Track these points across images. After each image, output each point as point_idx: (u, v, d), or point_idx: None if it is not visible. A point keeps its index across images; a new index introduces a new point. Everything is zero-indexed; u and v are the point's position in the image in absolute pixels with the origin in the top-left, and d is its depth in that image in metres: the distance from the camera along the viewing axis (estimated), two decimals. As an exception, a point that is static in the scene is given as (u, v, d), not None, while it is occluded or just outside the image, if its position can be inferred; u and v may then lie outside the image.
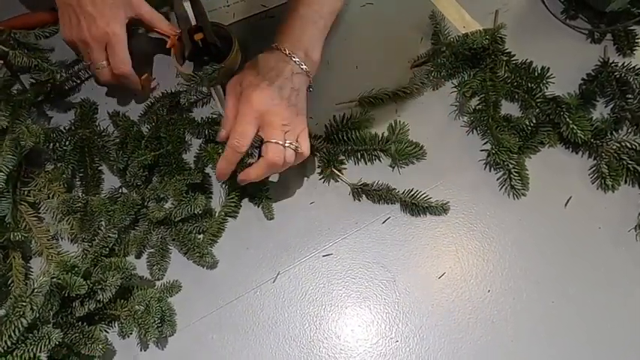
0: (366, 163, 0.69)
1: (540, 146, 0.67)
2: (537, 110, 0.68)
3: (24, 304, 0.51)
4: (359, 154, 0.69)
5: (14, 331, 0.51)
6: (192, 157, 0.70)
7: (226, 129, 0.61)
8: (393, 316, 0.60)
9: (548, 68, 0.68)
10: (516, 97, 0.70)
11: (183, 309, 0.62)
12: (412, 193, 0.64)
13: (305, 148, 0.61)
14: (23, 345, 0.52)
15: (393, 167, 0.68)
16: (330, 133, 0.70)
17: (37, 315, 0.53)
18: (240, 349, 0.59)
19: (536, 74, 0.69)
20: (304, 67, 0.62)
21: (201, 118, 0.72)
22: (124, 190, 0.68)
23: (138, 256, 0.65)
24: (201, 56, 0.70)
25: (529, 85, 0.70)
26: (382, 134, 0.69)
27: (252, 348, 0.59)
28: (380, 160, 0.69)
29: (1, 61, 0.71)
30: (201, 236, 0.65)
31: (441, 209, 0.64)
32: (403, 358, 0.57)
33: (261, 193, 0.67)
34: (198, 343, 0.60)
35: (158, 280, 0.63)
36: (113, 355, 0.60)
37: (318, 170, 0.69)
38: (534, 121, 0.67)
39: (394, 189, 0.65)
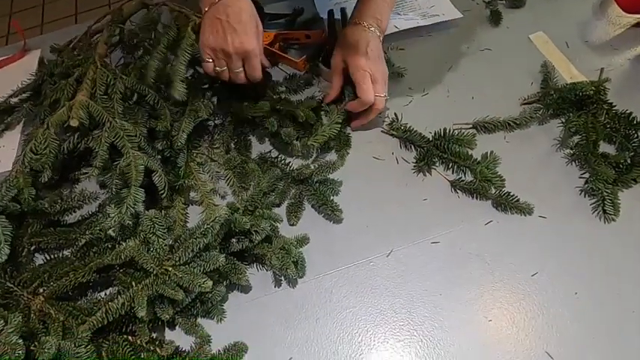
0: (452, 173, 0.82)
1: (633, 183, 0.77)
2: (632, 153, 0.79)
3: (207, 227, 0.66)
4: (450, 164, 0.82)
5: (196, 247, 0.65)
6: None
7: (333, 94, 0.87)
8: (488, 300, 0.70)
9: (647, 118, 0.79)
10: (614, 139, 0.81)
11: (310, 264, 0.74)
12: (504, 194, 0.76)
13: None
14: (198, 259, 0.67)
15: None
16: (435, 138, 0.84)
17: (211, 240, 0.67)
18: (354, 304, 0.71)
19: (634, 122, 0.80)
20: (378, 33, 0.85)
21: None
22: (272, 155, 0.85)
23: (279, 205, 0.81)
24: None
25: (627, 131, 0.80)
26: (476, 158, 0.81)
27: (363, 306, 0.71)
28: (465, 176, 0.81)
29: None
30: (333, 197, 0.80)
31: (527, 209, 0.75)
32: (493, 335, 0.67)
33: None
34: (320, 293, 0.72)
35: (293, 225, 0.78)
36: (250, 290, 0.73)
37: (414, 161, 0.84)
38: (629, 161, 0.77)
39: (489, 189, 0.77)
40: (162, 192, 0.78)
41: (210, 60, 0.79)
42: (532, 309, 0.69)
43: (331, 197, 0.80)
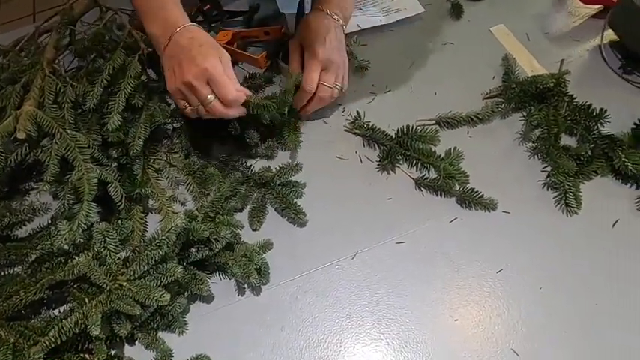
0: (416, 171, 0.81)
1: (594, 175, 0.77)
2: (593, 145, 0.79)
3: (163, 238, 0.63)
4: (414, 162, 0.81)
5: (151, 259, 0.63)
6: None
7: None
8: (454, 299, 0.69)
9: (606, 109, 0.79)
10: (575, 132, 0.81)
11: (274, 270, 0.72)
12: (468, 190, 0.76)
13: (346, 86, 0.85)
14: (154, 272, 0.64)
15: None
16: (399, 136, 0.82)
17: (168, 251, 0.65)
18: (319, 310, 0.69)
19: (594, 114, 0.80)
20: (341, 22, 0.84)
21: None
22: (234, 158, 0.83)
23: (240, 210, 0.78)
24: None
25: (587, 123, 0.80)
26: (439, 155, 0.80)
27: (329, 311, 0.69)
28: (429, 173, 0.80)
29: (148, 50, 0.85)
30: (296, 200, 0.78)
31: (491, 205, 0.75)
32: (459, 334, 0.66)
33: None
34: (284, 300, 0.70)
35: (256, 230, 0.76)
36: (212, 300, 0.71)
37: (378, 160, 0.82)
38: (590, 153, 0.77)
39: (453, 186, 0.77)
40: (119, 204, 0.75)
41: (182, 101, 0.75)
42: (498, 306, 0.68)
43: (294, 200, 0.78)
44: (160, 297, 0.62)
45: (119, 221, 0.73)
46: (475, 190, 0.76)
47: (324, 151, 0.84)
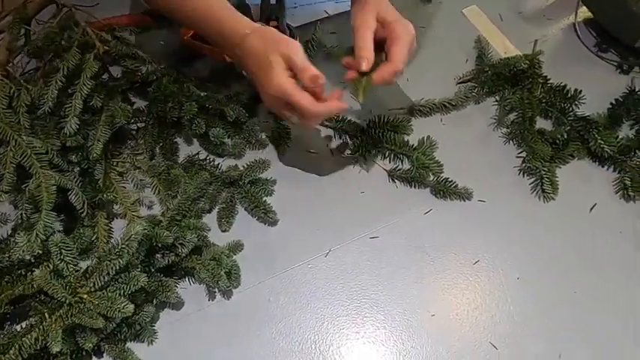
0: (389, 162, 0.78)
1: (570, 158, 0.75)
2: (569, 127, 0.77)
3: (123, 247, 0.61)
4: (386, 152, 0.79)
5: (112, 269, 0.60)
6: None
7: (369, 57, 0.68)
8: (430, 293, 0.67)
9: (581, 90, 0.77)
10: (550, 114, 0.79)
11: (245, 272, 0.70)
12: (442, 180, 0.74)
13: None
14: (116, 283, 0.61)
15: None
16: (369, 127, 0.80)
17: (130, 259, 0.62)
18: (292, 312, 0.67)
19: (569, 95, 0.78)
20: None
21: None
22: (200, 157, 0.80)
23: (209, 211, 0.75)
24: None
25: (562, 104, 0.78)
26: (412, 144, 0.78)
27: (303, 312, 0.67)
28: (402, 164, 0.78)
29: (105, 48, 0.81)
30: (265, 198, 0.75)
31: (466, 194, 0.73)
32: (437, 329, 0.65)
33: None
34: (257, 303, 0.68)
35: (225, 231, 0.74)
36: (182, 306, 0.69)
37: (349, 152, 0.79)
38: (566, 136, 0.75)
39: (427, 176, 0.75)
40: (81, 211, 0.72)
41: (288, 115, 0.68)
42: (475, 299, 0.67)
43: (264, 198, 0.75)
44: (124, 308, 0.59)
45: (81, 229, 0.70)
46: (449, 179, 0.74)
47: (294, 145, 0.81)
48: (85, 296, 0.60)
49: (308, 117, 0.64)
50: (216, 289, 0.69)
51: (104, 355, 0.65)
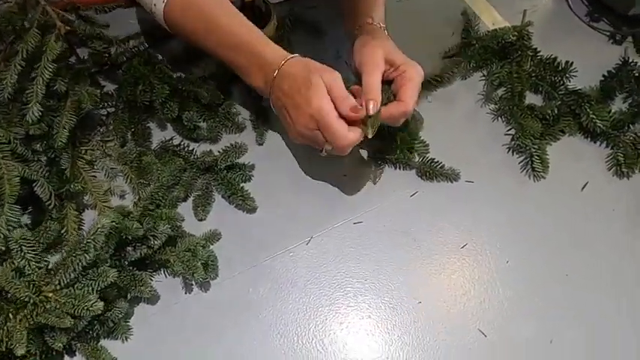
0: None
1: (561, 134, 0.72)
2: (559, 102, 0.73)
3: (88, 241, 0.57)
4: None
5: (78, 265, 0.57)
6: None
7: (376, 97, 0.64)
8: (417, 279, 0.64)
9: (572, 62, 0.73)
10: (540, 89, 0.76)
11: (223, 263, 0.67)
12: (428, 161, 0.70)
13: None
14: (83, 280, 0.58)
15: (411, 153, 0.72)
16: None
17: (97, 254, 0.59)
18: (273, 303, 0.64)
19: (560, 68, 0.74)
20: (386, 32, 0.73)
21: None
22: (174, 142, 0.76)
23: (185, 199, 0.71)
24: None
25: (553, 78, 0.75)
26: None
27: (284, 303, 0.64)
28: (386, 145, 0.73)
29: (67, 28, 0.76)
30: (243, 184, 0.72)
31: (453, 175, 0.70)
32: (424, 317, 0.62)
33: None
34: (236, 294, 0.65)
35: (202, 220, 0.70)
36: (157, 300, 0.66)
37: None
38: (556, 111, 0.72)
39: (412, 157, 0.71)
40: (48, 202, 0.68)
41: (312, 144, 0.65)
42: (463, 284, 0.64)
43: (241, 184, 0.72)
44: (92, 306, 0.56)
45: (48, 223, 0.66)
46: (436, 160, 0.71)
47: (273, 127, 0.77)
48: (51, 295, 0.56)
49: (337, 143, 0.61)
50: (193, 282, 0.66)
51: (76, 354, 0.62)
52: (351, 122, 0.62)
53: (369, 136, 0.64)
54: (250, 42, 0.66)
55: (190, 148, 0.76)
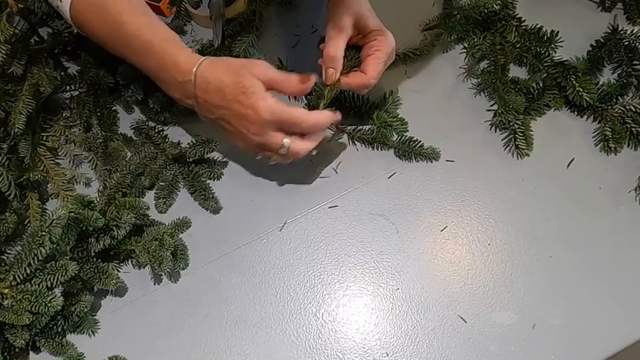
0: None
1: (546, 109, 0.68)
2: (545, 74, 0.69)
3: (43, 234, 0.54)
4: (350, 113, 0.71)
5: (33, 259, 0.54)
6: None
7: (338, 67, 0.61)
8: (395, 265, 0.62)
9: (558, 32, 0.69)
10: (525, 61, 0.72)
11: (194, 252, 0.64)
12: (407, 140, 0.67)
13: None
14: (41, 274, 0.55)
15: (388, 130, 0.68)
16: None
17: (55, 247, 0.56)
18: (246, 292, 0.62)
19: (545, 38, 0.70)
20: None
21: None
22: (142, 127, 0.72)
23: (150, 188, 0.68)
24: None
25: (538, 49, 0.71)
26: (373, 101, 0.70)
27: (257, 291, 0.62)
28: (363, 124, 0.70)
29: (19, 6, 0.72)
30: (209, 181, 0.68)
31: (433, 155, 0.67)
32: (402, 303, 0.60)
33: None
34: (207, 284, 0.63)
35: (161, 212, 0.67)
36: (125, 292, 0.63)
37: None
38: (541, 84, 0.68)
39: (391, 136, 0.68)
40: (8, 193, 0.65)
41: (262, 156, 0.62)
42: (442, 268, 0.61)
43: (207, 182, 0.68)
44: (50, 302, 0.53)
45: (6, 214, 0.63)
46: (414, 139, 0.67)
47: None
48: (6, 291, 0.54)
49: (311, 126, 0.58)
50: (162, 272, 0.63)
51: (41, 350, 0.60)
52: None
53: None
54: (160, 45, 0.59)
55: (165, 134, 0.72)
